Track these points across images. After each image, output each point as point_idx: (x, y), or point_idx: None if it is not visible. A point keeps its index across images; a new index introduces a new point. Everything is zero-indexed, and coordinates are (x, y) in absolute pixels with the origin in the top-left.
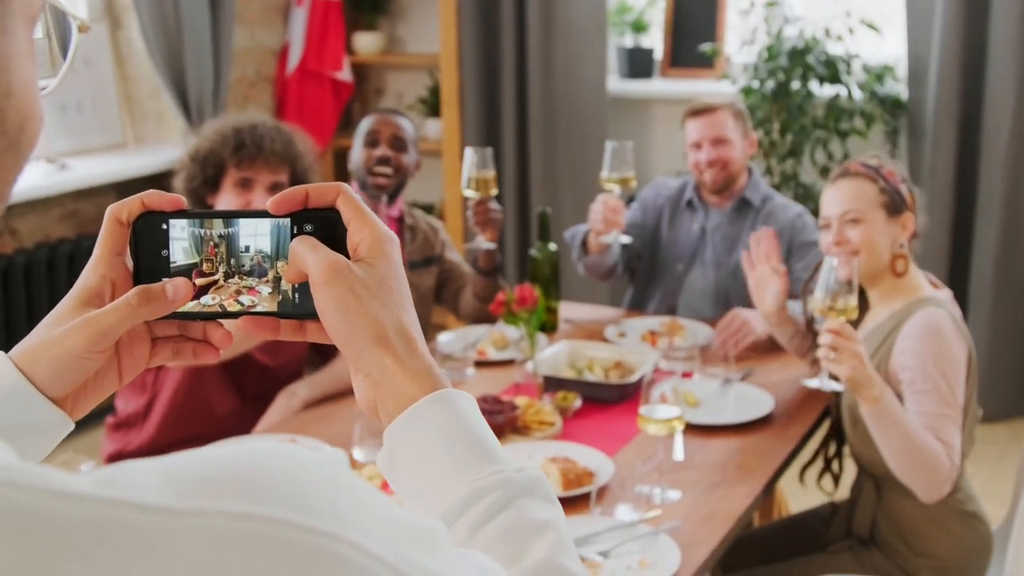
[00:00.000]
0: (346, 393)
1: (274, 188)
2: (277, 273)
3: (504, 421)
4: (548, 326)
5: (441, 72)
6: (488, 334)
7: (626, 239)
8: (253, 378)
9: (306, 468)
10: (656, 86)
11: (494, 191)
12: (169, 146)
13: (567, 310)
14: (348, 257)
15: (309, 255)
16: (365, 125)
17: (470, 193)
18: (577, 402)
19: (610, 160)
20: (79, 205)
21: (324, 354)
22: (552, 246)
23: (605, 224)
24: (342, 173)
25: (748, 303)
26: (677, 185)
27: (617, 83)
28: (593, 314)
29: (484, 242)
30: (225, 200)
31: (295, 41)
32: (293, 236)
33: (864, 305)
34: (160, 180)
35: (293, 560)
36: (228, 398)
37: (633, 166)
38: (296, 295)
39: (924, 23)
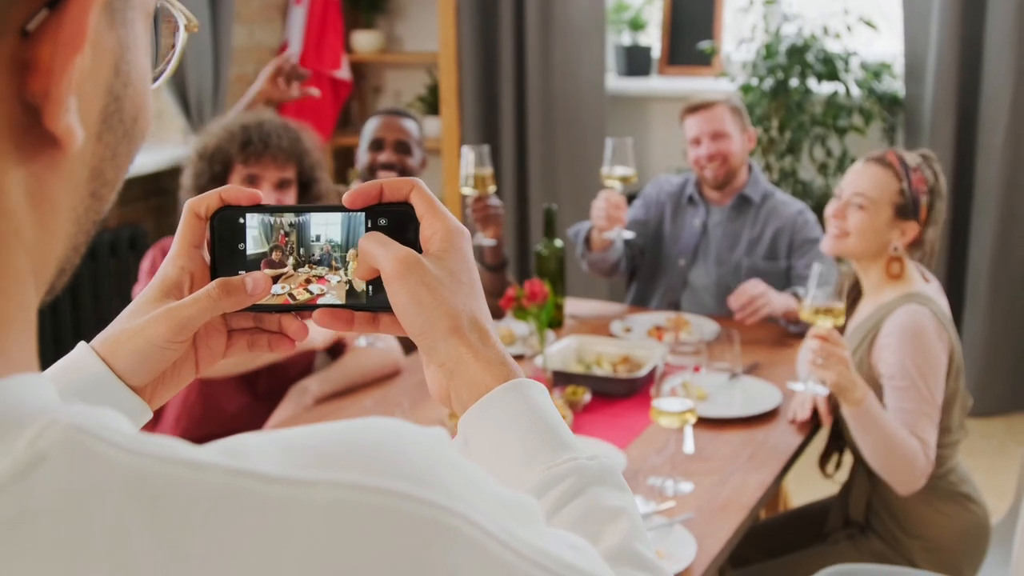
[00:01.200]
0: (356, 388)
1: (281, 184)
2: (347, 262)
3: None
4: (554, 322)
5: (440, 70)
6: (495, 330)
7: (629, 234)
8: (264, 375)
9: (416, 442)
10: (654, 84)
11: (492, 188)
12: (169, 144)
13: (571, 306)
14: (420, 251)
15: (379, 251)
16: (370, 128)
17: (468, 191)
18: (587, 396)
19: (611, 157)
20: None
21: (333, 350)
22: (558, 242)
23: (608, 220)
24: (340, 171)
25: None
26: (678, 182)
27: (615, 81)
28: (598, 310)
29: (485, 239)
30: None
31: (294, 39)
32: (368, 230)
33: (858, 293)
34: (160, 178)
35: (408, 530)
36: (239, 396)
37: (634, 162)
38: (369, 286)
39: (921, 20)
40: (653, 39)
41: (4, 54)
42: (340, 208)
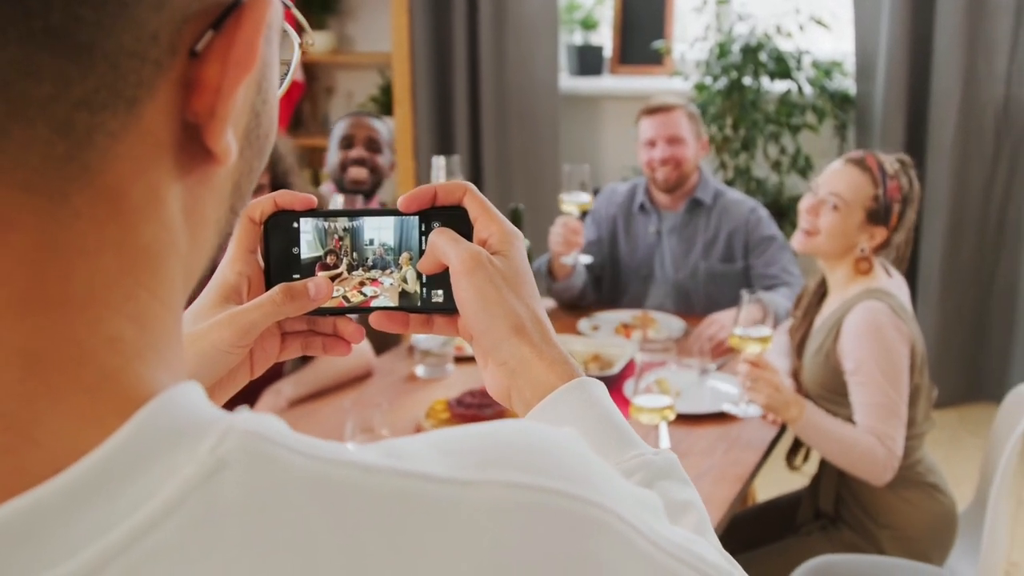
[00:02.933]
0: (331, 390)
1: (256, 191)
2: (400, 265)
3: (493, 414)
4: None
5: (393, 71)
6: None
7: (587, 259)
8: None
9: (561, 442)
10: (606, 83)
11: None
12: None
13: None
14: None
15: (450, 247)
16: (340, 128)
17: None
18: None
19: (567, 183)
20: None
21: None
22: (525, 242)
23: (566, 245)
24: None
25: (709, 301)
26: (626, 190)
27: (568, 80)
28: (564, 309)
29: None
30: None
31: None
32: (422, 233)
33: (824, 291)
34: None
35: (568, 526)
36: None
37: (590, 189)
38: (423, 288)
39: (872, 20)
40: (605, 38)
41: (174, 74)
42: (395, 212)
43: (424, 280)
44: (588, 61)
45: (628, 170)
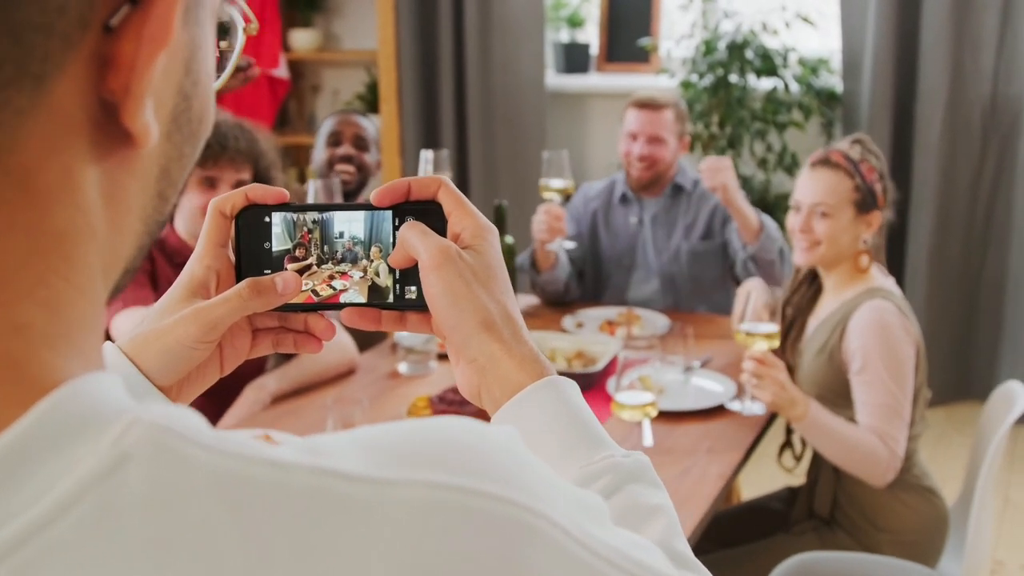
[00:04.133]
0: (314, 386)
1: (237, 186)
2: (370, 259)
3: (475, 412)
4: None
5: (379, 69)
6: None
7: (570, 244)
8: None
9: (496, 442)
10: (592, 81)
11: None
12: None
13: (521, 303)
14: None
15: (419, 241)
16: (328, 126)
17: None
18: None
19: (547, 169)
20: None
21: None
22: (509, 239)
23: (549, 232)
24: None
25: (694, 283)
26: (603, 186)
27: (554, 78)
28: (548, 305)
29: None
30: (188, 199)
31: None
32: (395, 228)
33: (818, 292)
34: None
35: (494, 530)
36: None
37: (570, 173)
38: (397, 285)
39: (858, 17)
40: (591, 36)
41: (86, 49)
42: (368, 207)
43: (397, 276)
44: (575, 59)
45: (614, 167)
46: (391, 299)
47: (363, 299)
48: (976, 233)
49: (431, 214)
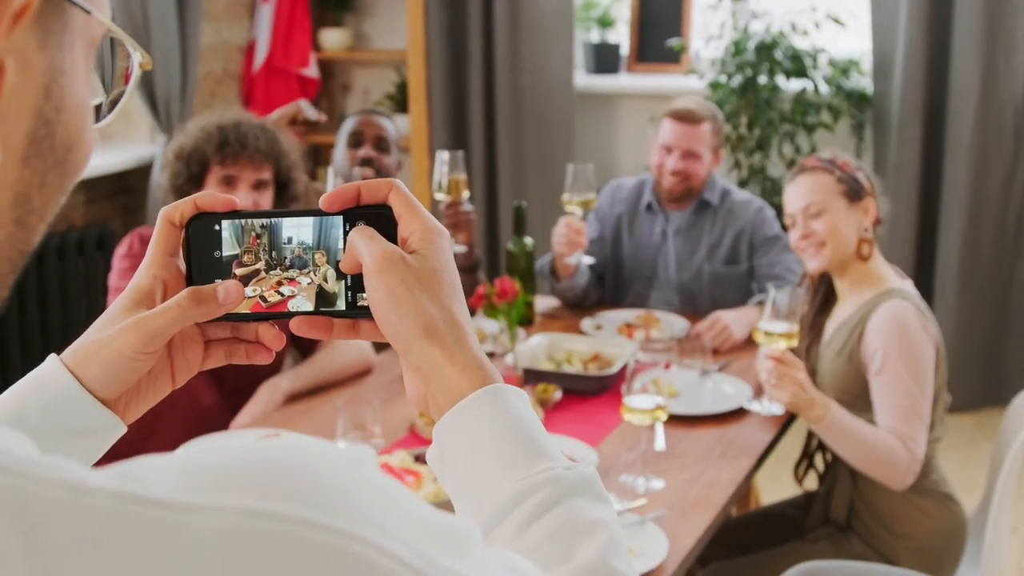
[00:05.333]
0: (328, 386)
1: (258, 185)
2: (318, 264)
3: None
4: (525, 320)
5: (408, 68)
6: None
7: (589, 259)
8: (232, 372)
9: (330, 464)
10: (623, 81)
11: (465, 193)
12: (136, 143)
13: (541, 304)
14: None
15: (364, 245)
16: (349, 126)
17: (441, 196)
18: (557, 394)
19: (571, 183)
20: None
21: (304, 348)
22: (528, 240)
23: (569, 246)
24: (309, 170)
25: (714, 304)
26: (632, 186)
27: (584, 78)
28: (568, 307)
29: (456, 245)
30: None
31: (261, 38)
32: (345, 233)
33: (832, 297)
34: (128, 177)
35: (305, 559)
36: (207, 392)
37: (594, 187)
38: (349, 292)
39: (889, 18)
40: (622, 36)
41: None
42: (318, 212)
43: (349, 283)
44: (605, 59)
45: (643, 168)
46: (343, 306)
47: (311, 305)
48: (1008, 235)
49: (382, 218)
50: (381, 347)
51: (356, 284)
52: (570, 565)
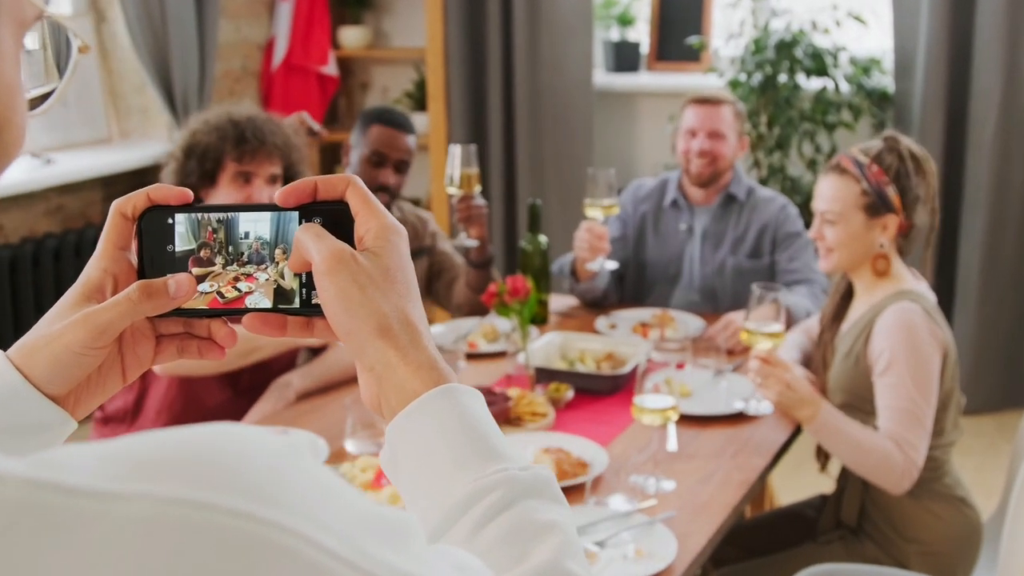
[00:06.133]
0: (339, 384)
1: (272, 180)
2: (275, 261)
3: (497, 412)
4: (539, 318)
5: (427, 66)
6: (479, 327)
7: (612, 265)
8: (246, 370)
9: (262, 453)
10: (643, 80)
11: (477, 187)
12: (154, 141)
13: (556, 302)
14: (355, 248)
15: (313, 243)
16: (373, 137)
17: (453, 190)
18: (569, 393)
19: (592, 188)
20: (64, 200)
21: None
22: (542, 238)
23: (591, 251)
24: (327, 167)
25: (736, 298)
26: (655, 186)
27: (603, 77)
28: (583, 306)
29: (468, 239)
30: (223, 194)
31: (280, 35)
32: None
33: (849, 295)
34: (145, 175)
35: (233, 550)
36: (220, 390)
37: (616, 192)
38: (303, 289)
39: (911, 16)
40: (642, 35)
41: None
42: (274, 207)
43: (304, 280)
44: (625, 57)
45: (662, 167)
46: (297, 304)
47: (269, 302)
48: None
49: (338, 215)
50: None
51: (311, 282)
52: (523, 567)
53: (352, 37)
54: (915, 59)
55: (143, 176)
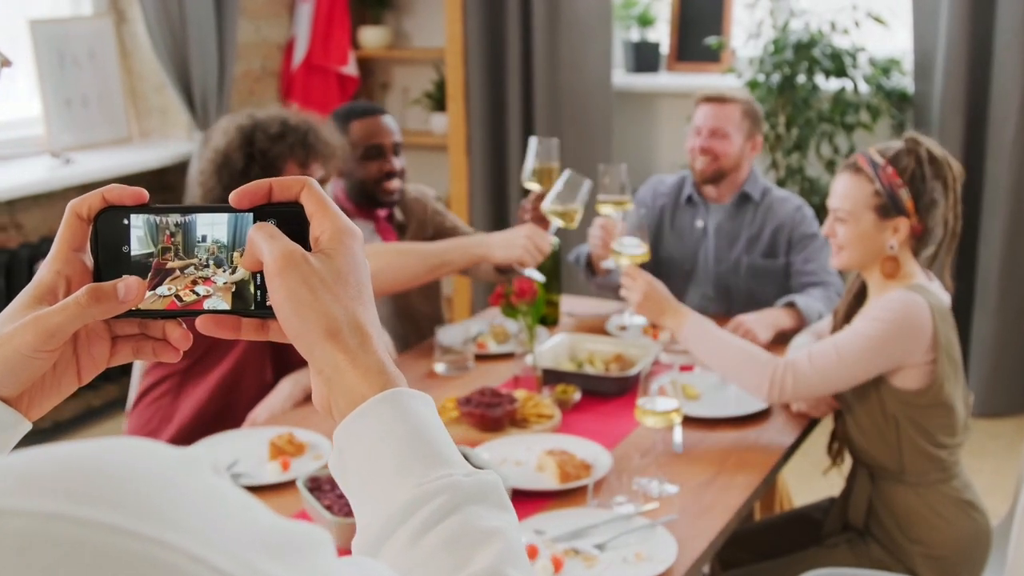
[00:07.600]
0: None
1: (320, 183)
2: (233, 263)
3: (502, 414)
4: (549, 319)
5: (447, 66)
6: (489, 327)
7: (625, 262)
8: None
9: (151, 466)
10: (662, 80)
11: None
12: (174, 140)
13: (568, 304)
14: (309, 251)
15: (265, 243)
16: (358, 136)
17: (532, 185)
18: (577, 395)
19: (603, 184)
20: None
21: None
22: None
23: (604, 248)
24: None
25: (750, 297)
26: (674, 182)
27: (623, 77)
28: (595, 307)
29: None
30: None
31: (300, 35)
32: None
33: (863, 294)
34: (165, 174)
35: (109, 567)
36: (268, 371)
37: (628, 188)
38: (259, 291)
39: (930, 16)
40: (662, 35)
41: None
42: (228, 208)
43: (259, 282)
44: (645, 58)
45: (680, 168)
46: (253, 306)
47: (227, 305)
48: None
49: (293, 216)
50: (403, 347)
51: (265, 283)
52: (463, 574)
53: (372, 37)
54: (935, 60)
55: (162, 176)
